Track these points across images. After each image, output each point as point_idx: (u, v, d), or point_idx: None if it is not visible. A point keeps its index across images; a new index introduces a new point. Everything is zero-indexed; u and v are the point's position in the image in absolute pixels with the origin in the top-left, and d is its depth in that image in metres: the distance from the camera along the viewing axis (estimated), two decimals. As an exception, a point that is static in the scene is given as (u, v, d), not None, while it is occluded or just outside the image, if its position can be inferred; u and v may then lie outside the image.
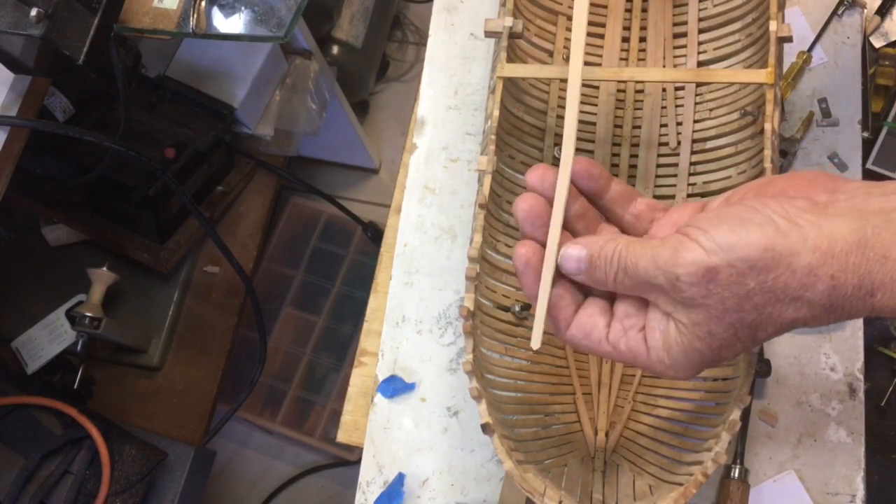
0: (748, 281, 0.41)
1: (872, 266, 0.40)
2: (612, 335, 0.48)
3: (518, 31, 0.70)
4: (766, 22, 0.68)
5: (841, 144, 0.79)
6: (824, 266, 0.40)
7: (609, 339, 0.48)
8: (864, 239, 0.40)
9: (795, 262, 0.40)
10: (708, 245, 0.42)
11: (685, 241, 0.43)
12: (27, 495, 1.03)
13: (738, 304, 0.42)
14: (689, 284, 0.42)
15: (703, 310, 0.43)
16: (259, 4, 0.93)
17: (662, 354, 0.46)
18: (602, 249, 0.47)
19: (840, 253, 0.40)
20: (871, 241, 0.40)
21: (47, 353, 1.28)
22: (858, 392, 0.71)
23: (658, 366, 0.46)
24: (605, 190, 0.52)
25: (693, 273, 0.42)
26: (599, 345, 0.48)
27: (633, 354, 0.47)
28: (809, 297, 0.41)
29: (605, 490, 0.61)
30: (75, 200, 1.33)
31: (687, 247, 0.43)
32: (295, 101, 1.33)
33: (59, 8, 0.79)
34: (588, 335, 0.49)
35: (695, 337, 0.44)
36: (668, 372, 0.46)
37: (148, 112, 1.24)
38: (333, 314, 1.64)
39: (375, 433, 0.74)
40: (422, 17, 1.86)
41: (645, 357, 0.47)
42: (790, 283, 0.41)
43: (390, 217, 0.84)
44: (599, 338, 0.48)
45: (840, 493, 0.69)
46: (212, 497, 1.57)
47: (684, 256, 0.42)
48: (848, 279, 0.40)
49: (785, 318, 0.42)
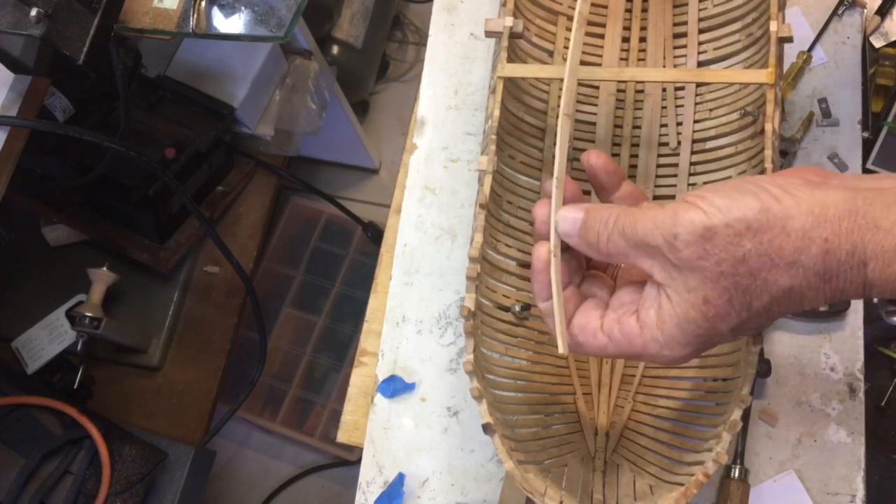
0: (744, 241, 0.42)
1: (864, 233, 0.40)
2: (607, 324, 0.49)
3: (518, 31, 0.70)
4: (766, 22, 0.68)
5: (841, 144, 0.79)
6: (817, 229, 0.41)
7: (604, 328, 0.49)
8: (856, 207, 0.41)
9: (790, 224, 0.41)
10: (708, 208, 0.43)
11: (684, 204, 0.44)
12: (27, 495, 1.03)
13: (733, 267, 0.43)
14: (686, 243, 0.43)
15: (698, 273, 0.44)
16: (259, 4, 0.93)
17: (656, 332, 0.46)
18: (598, 211, 0.48)
19: (833, 217, 0.41)
20: (862, 210, 0.41)
21: (47, 353, 1.28)
22: (858, 392, 0.71)
23: (652, 345, 0.47)
24: (617, 188, 0.53)
25: (692, 231, 0.43)
26: (595, 336, 0.49)
27: (627, 339, 0.48)
28: (804, 261, 0.42)
29: (606, 490, 0.61)
30: (75, 200, 1.33)
31: (687, 209, 0.44)
32: (295, 101, 1.33)
33: (59, 8, 0.79)
34: (584, 329, 0.50)
35: (689, 305, 0.44)
36: (664, 351, 0.46)
37: (148, 112, 1.24)
38: (333, 314, 1.64)
39: (375, 433, 0.74)
40: (422, 17, 1.86)
41: (639, 338, 0.47)
42: (785, 245, 0.42)
43: (390, 217, 0.84)
44: (595, 329, 0.49)
45: (840, 493, 0.69)
46: (212, 497, 1.57)
47: (683, 216, 0.44)
48: (841, 244, 0.41)
49: (780, 284, 0.43)
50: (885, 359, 0.96)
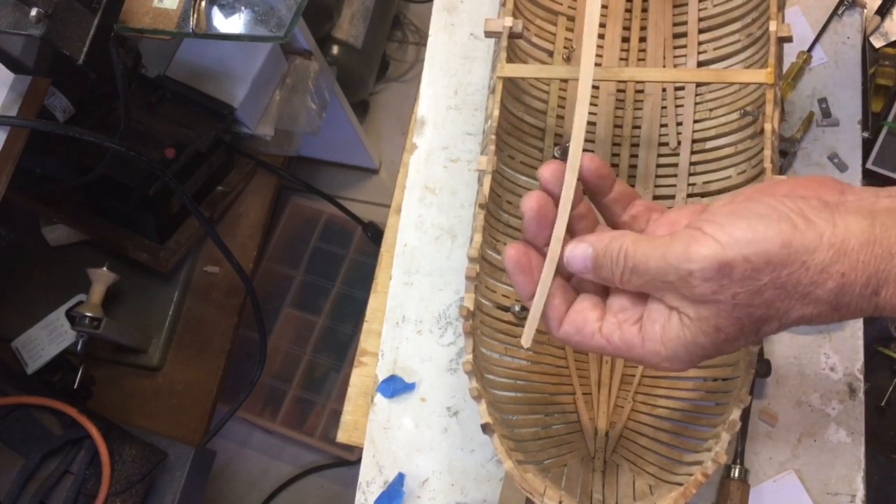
0: (762, 276, 0.41)
1: (880, 263, 0.40)
2: (606, 328, 0.48)
3: (518, 31, 0.70)
4: (766, 22, 0.68)
5: (841, 144, 0.79)
6: (836, 264, 0.40)
7: (602, 332, 0.48)
8: (874, 236, 0.40)
9: (810, 259, 0.40)
10: (724, 239, 0.42)
11: (698, 235, 0.43)
12: (27, 495, 1.03)
13: (748, 300, 0.42)
14: (702, 280, 0.42)
15: (712, 306, 0.43)
16: (259, 4, 0.93)
17: (659, 347, 0.45)
18: (608, 248, 0.47)
19: (851, 251, 0.40)
20: (879, 238, 0.40)
21: (47, 353, 1.28)
22: (858, 392, 0.71)
23: (652, 357, 0.46)
24: (609, 189, 0.52)
25: (707, 268, 0.42)
26: (592, 338, 0.48)
27: (626, 346, 0.47)
28: (818, 293, 0.41)
29: (605, 490, 0.61)
30: (75, 200, 1.33)
31: (700, 241, 0.42)
32: (295, 101, 1.33)
33: (59, 8, 0.78)
34: (580, 330, 0.49)
35: (700, 332, 0.44)
36: (664, 364, 0.46)
37: (148, 112, 1.24)
38: (333, 314, 1.64)
39: (375, 433, 0.74)
40: (422, 17, 1.86)
41: (639, 349, 0.46)
42: (802, 279, 0.41)
43: (390, 217, 0.84)
44: (592, 331, 0.48)
45: (840, 493, 0.69)
46: (212, 497, 1.57)
47: (698, 251, 0.42)
48: (857, 277, 0.40)
49: (792, 314, 0.42)
50: (885, 359, 0.95)
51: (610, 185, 0.52)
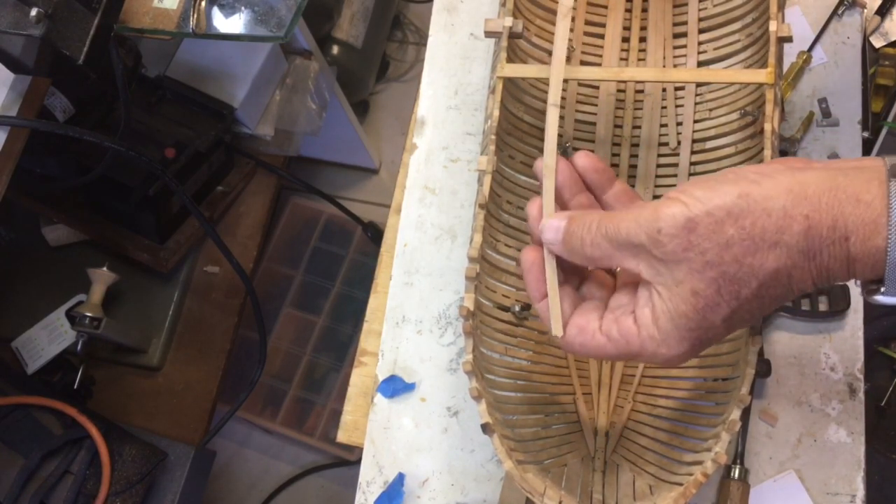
0: (726, 228, 0.43)
1: (845, 207, 0.41)
2: (605, 325, 0.49)
3: (518, 31, 0.70)
4: (766, 22, 0.68)
5: (841, 144, 0.79)
6: (798, 206, 0.42)
7: (602, 329, 0.49)
8: (836, 184, 0.42)
9: (770, 204, 0.42)
10: (687, 200, 0.44)
11: (666, 200, 0.45)
12: (27, 495, 1.03)
13: (718, 256, 0.43)
14: (670, 237, 0.44)
15: (684, 265, 0.44)
16: (259, 4, 0.93)
17: (652, 329, 0.46)
18: (581, 217, 0.49)
19: (812, 195, 0.42)
20: (842, 185, 0.41)
21: (47, 353, 1.28)
22: (858, 392, 0.71)
23: (650, 343, 0.47)
24: (608, 187, 0.54)
25: (674, 224, 0.44)
26: (594, 338, 0.49)
27: (625, 338, 0.48)
28: (786, 239, 0.42)
29: (605, 490, 0.61)
30: (75, 200, 1.33)
31: (668, 204, 0.45)
32: (295, 101, 1.33)
33: (59, 8, 0.78)
34: (583, 330, 0.50)
35: (679, 299, 0.45)
36: (661, 349, 0.47)
37: (148, 112, 1.24)
38: (333, 314, 1.64)
39: (375, 433, 0.74)
40: (422, 17, 1.86)
41: (636, 337, 0.47)
42: (767, 226, 0.42)
43: (390, 217, 0.84)
44: (594, 330, 0.50)
45: (840, 493, 0.69)
46: (212, 497, 1.57)
47: (665, 211, 0.44)
48: (822, 219, 0.41)
49: (766, 266, 0.43)
50: (885, 359, 0.96)
51: (608, 181, 0.54)
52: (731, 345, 0.63)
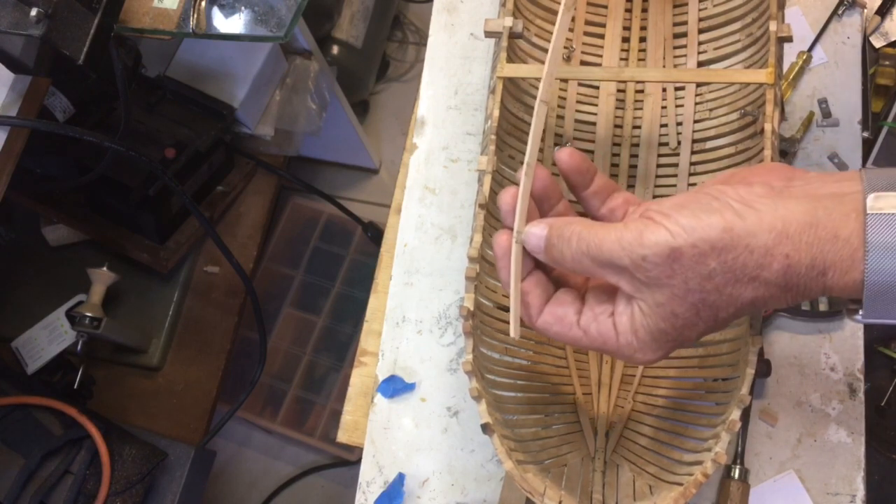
0: (709, 261, 0.43)
1: (824, 245, 0.42)
2: (583, 320, 0.50)
3: (518, 31, 0.70)
4: (766, 22, 0.68)
5: (841, 144, 0.79)
6: (779, 246, 0.42)
7: (580, 324, 0.50)
8: (816, 220, 0.42)
9: (753, 242, 0.43)
10: (672, 228, 0.44)
11: (650, 224, 0.45)
12: (27, 495, 1.03)
13: (699, 285, 0.44)
14: (654, 265, 0.44)
15: (666, 290, 0.45)
16: (259, 4, 0.93)
17: (631, 338, 0.48)
18: (561, 230, 0.49)
19: (794, 233, 0.42)
20: (822, 222, 0.42)
21: (47, 353, 1.28)
22: (858, 392, 0.71)
23: (627, 349, 0.48)
24: (589, 184, 0.54)
25: (658, 253, 0.44)
26: (571, 330, 0.50)
27: (602, 339, 0.49)
28: (766, 276, 0.43)
29: (605, 490, 0.61)
30: (75, 200, 1.33)
31: (651, 229, 0.45)
32: (295, 101, 1.33)
33: (59, 8, 0.78)
34: (560, 321, 0.51)
35: (659, 318, 0.46)
36: (637, 355, 0.48)
37: (148, 112, 1.24)
38: (333, 314, 1.64)
39: (375, 433, 0.75)
40: (422, 17, 1.86)
41: (614, 340, 0.48)
42: (748, 262, 0.43)
43: (390, 217, 0.84)
44: (571, 323, 0.50)
45: (840, 493, 0.69)
46: (212, 497, 1.57)
47: (650, 238, 0.44)
48: (801, 258, 0.42)
49: (744, 297, 0.44)
50: (885, 359, 0.96)
51: (590, 179, 0.54)
52: (731, 345, 0.63)
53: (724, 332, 0.64)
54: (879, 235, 0.41)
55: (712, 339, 0.65)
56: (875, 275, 0.41)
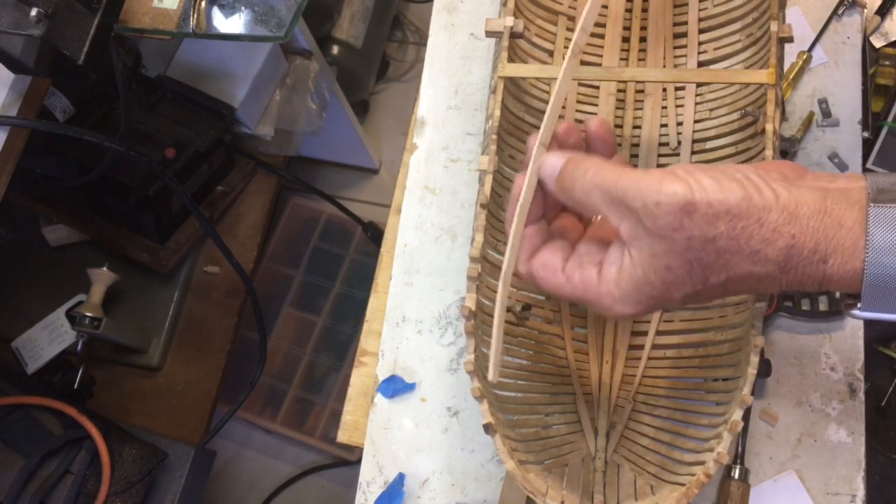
0: (719, 224, 0.44)
1: (829, 232, 0.43)
2: (569, 267, 0.51)
3: (519, 31, 0.70)
4: (766, 22, 0.68)
5: (841, 144, 0.79)
6: (788, 225, 0.43)
7: (565, 270, 0.51)
8: (825, 207, 0.44)
9: (765, 217, 0.44)
10: (693, 183, 0.45)
11: (671, 175, 0.46)
12: (27, 495, 1.03)
13: (702, 244, 0.45)
14: (665, 213, 0.45)
15: (667, 243, 0.45)
16: (259, 4, 0.93)
17: (613, 287, 0.48)
18: (579, 161, 0.50)
19: (803, 216, 0.43)
20: (829, 210, 0.44)
21: (47, 353, 1.28)
22: (858, 392, 0.71)
23: (606, 298, 0.49)
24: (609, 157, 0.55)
25: (673, 203, 0.44)
26: (555, 275, 0.51)
27: (584, 286, 0.50)
28: (768, 252, 0.44)
29: (607, 490, 0.61)
30: (75, 200, 1.33)
31: (672, 179, 0.45)
32: (295, 101, 1.33)
33: (59, 8, 0.78)
34: (545, 265, 0.52)
35: (651, 269, 0.46)
36: (616, 306, 0.49)
37: (148, 112, 1.24)
38: (333, 314, 1.64)
39: (375, 433, 0.74)
40: (422, 17, 1.85)
41: (594, 289, 0.49)
42: (755, 234, 0.44)
43: (390, 217, 0.84)
44: (556, 268, 0.51)
45: (840, 493, 0.69)
46: (212, 497, 1.57)
47: (669, 186, 0.45)
48: (806, 242, 0.43)
49: (740, 269, 0.45)
50: (885, 359, 0.96)
51: (609, 154, 0.55)
52: (731, 345, 0.63)
53: (725, 332, 0.64)
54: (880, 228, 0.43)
55: (713, 338, 0.65)
56: (875, 267, 0.43)
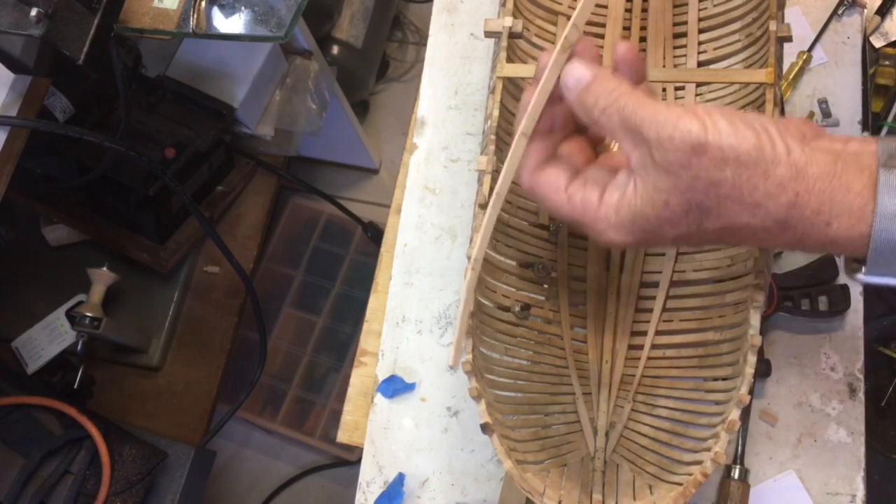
0: (726, 169, 0.44)
1: (836, 195, 0.43)
2: (572, 188, 0.51)
3: (518, 31, 0.70)
4: (766, 22, 0.68)
5: (841, 144, 0.79)
6: (794, 182, 0.44)
7: (567, 190, 0.51)
8: (835, 171, 0.44)
9: (772, 170, 0.44)
10: (709, 125, 0.45)
11: (690, 112, 0.46)
12: (27, 495, 1.03)
13: (705, 187, 0.45)
14: (675, 149, 0.45)
15: (671, 178, 0.45)
16: (259, 4, 0.93)
17: (611, 213, 0.48)
18: (605, 80, 0.49)
19: (811, 176, 0.44)
20: (839, 173, 0.44)
21: (47, 353, 1.28)
22: (858, 392, 0.71)
23: (602, 222, 0.49)
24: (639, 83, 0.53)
25: (685, 140, 0.44)
26: (556, 193, 0.51)
27: (583, 207, 0.50)
28: (770, 206, 0.44)
29: (605, 490, 0.61)
30: (75, 200, 1.33)
31: (689, 117, 0.45)
32: (295, 101, 1.33)
33: (59, 8, 0.78)
34: (549, 184, 0.51)
35: (650, 202, 0.46)
36: (609, 231, 0.49)
37: (148, 112, 1.24)
38: (333, 314, 1.64)
39: (375, 433, 0.75)
40: (422, 17, 1.86)
41: (593, 211, 0.49)
42: (759, 186, 0.44)
43: (390, 217, 0.84)
44: (558, 187, 0.51)
45: (840, 493, 0.69)
46: (212, 497, 1.57)
47: (685, 123, 0.45)
48: (810, 201, 0.44)
49: (739, 219, 0.45)
50: (885, 359, 0.96)
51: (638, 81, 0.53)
52: (730, 345, 0.63)
53: (725, 332, 0.64)
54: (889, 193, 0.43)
55: (712, 338, 0.65)
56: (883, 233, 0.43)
